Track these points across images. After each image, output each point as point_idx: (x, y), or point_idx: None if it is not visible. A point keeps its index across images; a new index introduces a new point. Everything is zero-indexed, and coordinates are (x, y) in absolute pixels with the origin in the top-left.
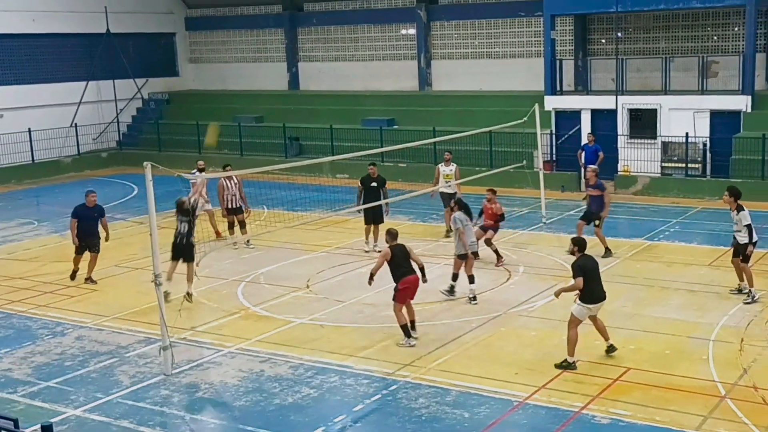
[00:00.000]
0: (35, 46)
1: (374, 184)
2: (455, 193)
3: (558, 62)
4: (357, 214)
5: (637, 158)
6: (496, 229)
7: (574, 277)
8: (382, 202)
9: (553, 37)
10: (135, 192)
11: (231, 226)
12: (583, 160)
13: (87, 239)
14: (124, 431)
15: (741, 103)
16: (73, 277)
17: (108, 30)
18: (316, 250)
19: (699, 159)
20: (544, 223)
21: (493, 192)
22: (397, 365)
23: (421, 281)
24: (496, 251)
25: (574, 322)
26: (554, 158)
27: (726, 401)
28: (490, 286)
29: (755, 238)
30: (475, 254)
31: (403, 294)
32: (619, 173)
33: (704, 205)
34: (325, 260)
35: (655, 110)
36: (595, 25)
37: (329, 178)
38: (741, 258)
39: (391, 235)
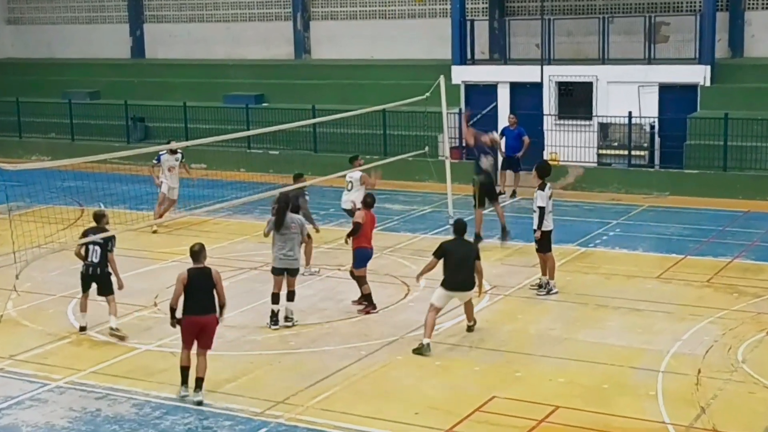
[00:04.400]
0: None
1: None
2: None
3: (469, 23)
4: (217, 214)
5: (568, 144)
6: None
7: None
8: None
9: None
10: None
11: None
12: (503, 147)
13: None
14: None
15: (698, 74)
16: None
17: None
18: (166, 259)
19: (645, 145)
20: (451, 225)
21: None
22: (268, 403)
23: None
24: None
25: (432, 307)
26: (464, 144)
27: None
28: (384, 303)
29: (548, 225)
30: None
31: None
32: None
33: (651, 203)
34: (177, 272)
35: (591, 84)
36: None
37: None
38: (537, 247)
39: (193, 253)
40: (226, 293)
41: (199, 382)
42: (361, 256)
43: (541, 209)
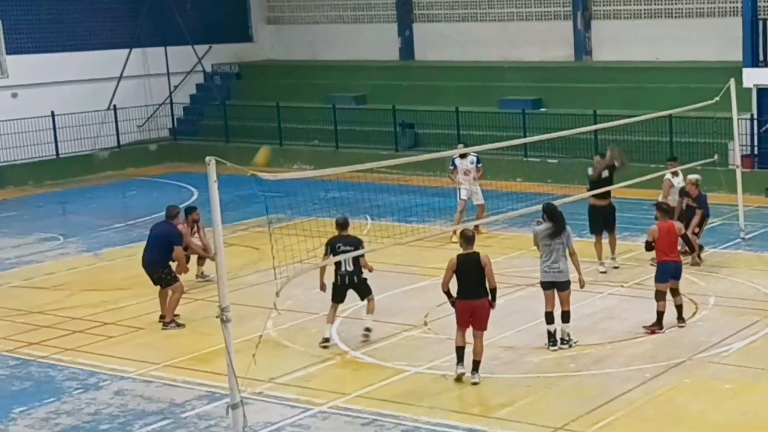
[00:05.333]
0: (61, 1)
1: (606, 173)
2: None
3: (762, 23)
4: (492, 226)
5: None
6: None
7: None
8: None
9: None
10: (195, 196)
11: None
12: None
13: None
14: None
15: None
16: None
17: None
18: (437, 275)
19: None
20: (743, 238)
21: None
22: (546, 429)
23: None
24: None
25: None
26: (756, 152)
27: None
28: (670, 322)
29: None
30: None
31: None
32: None
33: None
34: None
35: None
36: None
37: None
38: None
39: (465, 237)
40: (503, 309)
41: (476, 365)
42: (662, 270)
43: None
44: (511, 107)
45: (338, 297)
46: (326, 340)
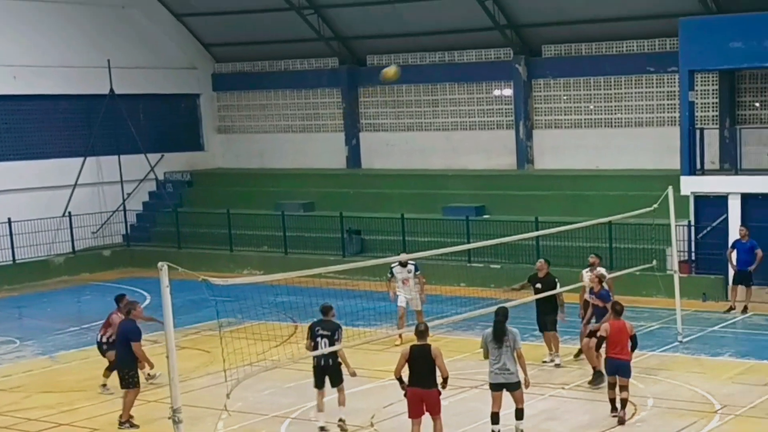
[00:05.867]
0: (17, 111)
1: (539, 285)
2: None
3: (698, 132)
4: (436, 330)
5: None
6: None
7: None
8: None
9: (691, 99)
10: (147, 301)
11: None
12: (734, 261)
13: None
14: None
15: None
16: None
17: (112, 90)
18: (383, 377)
19: None
20: (681, 341)
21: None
22: None
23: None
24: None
25: None
26: (693, 257)
27: None
28: (608, 424)
29: None
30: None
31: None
32: None
33: None
34: (395, 390)
35: None
36: (747, 84)
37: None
38: None
39: (418, 332)
40: (447, 411)
41: None
42: (608, 364)
43: None
44: (454, 214)
45: (318, 382)
46: (322, 429)
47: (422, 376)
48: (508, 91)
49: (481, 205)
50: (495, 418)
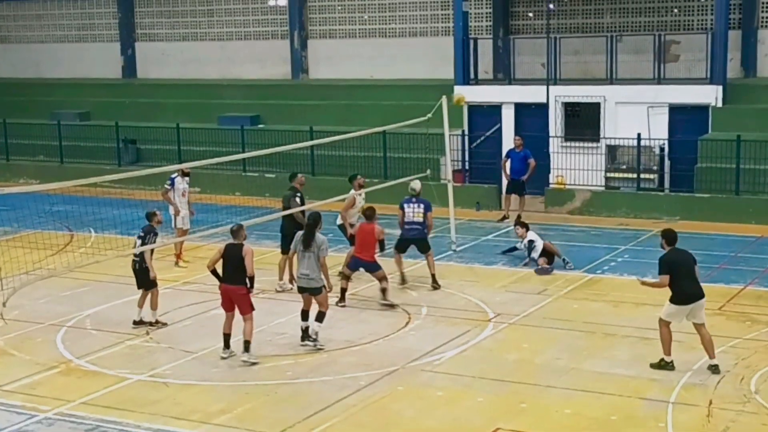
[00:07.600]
0: None
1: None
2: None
3: (472, 42)
4: (212, 239)
5: (575, 167)
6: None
7: (660, 273)
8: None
9: (465, 9)
10: None
11: None
12: (508, 170)
13: None
14: None
15: (709, 95)
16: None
17: None
18: (159, 286)
19: (655, 168)
20: (454, 251)
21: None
22: None
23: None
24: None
25: (663, 323)
26: (467, 167)
27: None
28: (384, 332)
29: None
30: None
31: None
32: (551, 186)
33: (661, 227)
34: (171, 299)
35: (598, 104)
36: None
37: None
38: None
39: (232, 231)
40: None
41: (246, 345)
42: (353, 262)
43: None
44: (230, 124)
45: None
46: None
47: (230, 273)
48: (282, 1)
49: (256, 114)
50: (303, 315)
